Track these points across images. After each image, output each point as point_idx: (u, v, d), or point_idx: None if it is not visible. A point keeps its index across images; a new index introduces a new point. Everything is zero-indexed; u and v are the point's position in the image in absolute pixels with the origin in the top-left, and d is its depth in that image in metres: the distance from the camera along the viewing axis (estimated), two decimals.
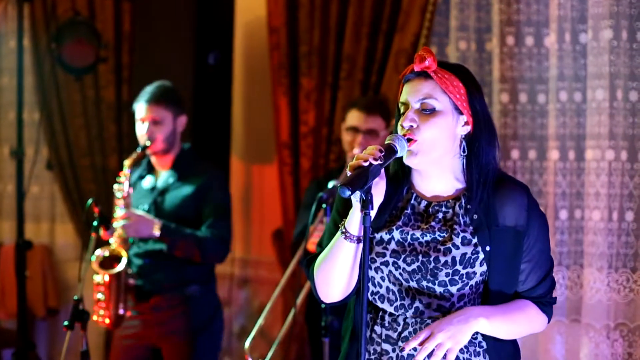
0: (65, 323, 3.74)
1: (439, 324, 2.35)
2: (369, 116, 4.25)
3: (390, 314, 2.46)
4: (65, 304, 5.93)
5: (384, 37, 4.68)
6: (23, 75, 5.03)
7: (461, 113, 2.42)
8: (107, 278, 4.07)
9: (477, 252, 2.40)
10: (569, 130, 3.99)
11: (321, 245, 2.56)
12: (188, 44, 5.14)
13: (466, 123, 2.43)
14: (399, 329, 2.45)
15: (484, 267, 2.41)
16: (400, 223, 2.47)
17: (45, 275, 5.96)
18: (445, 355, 2.33)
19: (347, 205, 2.45)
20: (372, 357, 2.48)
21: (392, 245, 2.45)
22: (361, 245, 2.37)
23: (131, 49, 5.56)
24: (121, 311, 4.12)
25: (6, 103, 6.08)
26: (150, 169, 4.32)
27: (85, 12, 5.56)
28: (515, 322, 2.46)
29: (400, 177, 2.50)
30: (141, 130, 4.20)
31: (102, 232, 4.06)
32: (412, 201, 2.49)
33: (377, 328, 2.48)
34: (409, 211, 2.48)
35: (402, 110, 2.46)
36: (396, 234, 2.46)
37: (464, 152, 2.44)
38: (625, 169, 3.79)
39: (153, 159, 4.29)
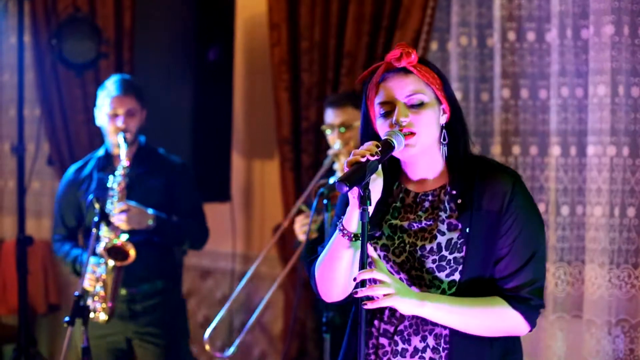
0: (66, 319, 3.74)
1: (396, 280, 2.36)
2: (338, 110, 4.24)
3: (391, 308, 2.46)
4: (66, 299, 5.94)
5: (384, 33, 4.67)
6: (24, 71, 5.03)
7: (441, 103, 2.45)
8: (105, 272, 4.02)
9: (463, 237, 2.40)
10: (570, 126, 3.99)
11: (323, 245, 2.57)
12: (189, 40, 5.13)
13: (443, 111, 2.46)
14: (396, 322, 2.46)
15: (465, 252, 2.41)
16: (389, 217, 2.49)
17: (46, 271, 5.97)
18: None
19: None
20: (370, 351, 2.48)
21: (383, 240, 2.47)
22: (359, 242, 2.37)
23: (132, 45, 5.55)
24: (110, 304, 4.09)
25: (7, 99, 6.09)
26: (108, 163, 4.28)
27: (86, 9, 5.56)
28: (471, 316, 2.38)
29: (389, 173, 2.50)
30: (115, 122, 4.18)
31: (103, 228, 4.05)
32: (402, 194, 2.51)
33: (376, 322, 2.49)
34: (398, 204, 2.50)
35: (384, 110, 2.44)
36: (386, 229, 2.48)
37: (444, 140, 2.46)
38: (626, 165, 3.78)
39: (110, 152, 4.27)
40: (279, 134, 5.10)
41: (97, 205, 3.96)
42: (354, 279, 2.34)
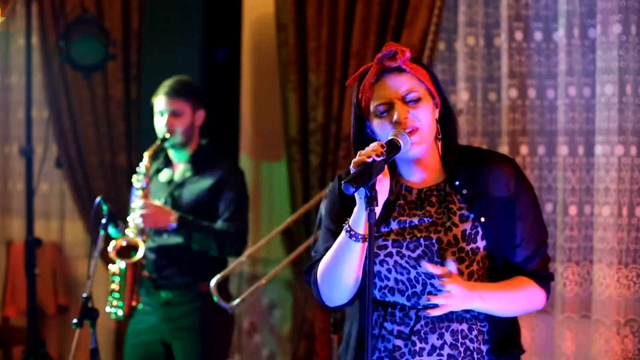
0: (75, 321, 3.75)
1: (459, 294, 2.36)
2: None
3: (402, 308, 2.46)
4: (75, 301, 5.94)
5: (392, 33, 4.67)
6: (32, 73, 5.03)
7: (434, 97, 2.48)
8: (122, 267, 4.06)
9: (476, 227, 2.44)
10: (578, 125, 3.98)
11: (317, 251, 2.57)
12: (196, 41, 5.14)
13: (435, 106, 2.49)
14: (412, 323, 2.45)
15: (485, 241, 2.46)
16: (395, 214, 2.49)
17: (55, 272, 5.98)
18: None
19: (341, 206, 2.48)
20: (383, 354, 2.47)
21: (392, 236, 2.46)
22: (366, 244, 2.37)
23: (140, 47, 5.56)
24: (134, 302, 4.12)
25: (15, 101, 6.09)
26: (168, 163, 4.34)
27: (94, 10, 5.56)
28: (512, 301, 2.48)
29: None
30: (160, 122, 4.22)
31: (111, 230, 4.07)
32: (403, 192, 2.51)
33: (388, 325, 2.48)
34: (401, 202, 2.50)
35: (384, 110, 2.45)
36: (394, 225, 2.48)
37: (439, 135, 2.49)
38: (634, 164, 3.77)
39: (171, 153, 4.31)
40: (287, 135, 5.10)
41: (104, 207, 3.98)
42: (419, 265, 2.40)
